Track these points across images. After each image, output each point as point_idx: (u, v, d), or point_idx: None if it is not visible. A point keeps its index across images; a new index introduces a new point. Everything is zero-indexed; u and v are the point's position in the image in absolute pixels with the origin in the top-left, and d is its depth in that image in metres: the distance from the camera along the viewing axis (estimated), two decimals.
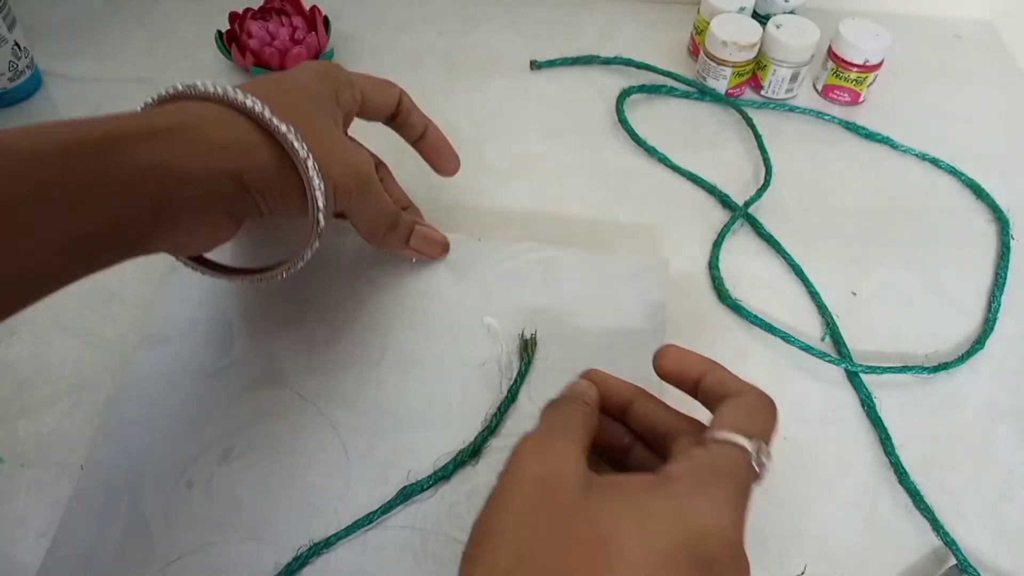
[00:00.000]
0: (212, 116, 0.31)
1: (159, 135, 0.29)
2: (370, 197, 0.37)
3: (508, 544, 0.26)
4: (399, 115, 0.42)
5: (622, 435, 0.34)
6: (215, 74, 0.58)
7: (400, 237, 0.41)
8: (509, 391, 0.39)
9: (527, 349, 0.40)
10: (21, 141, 0.27)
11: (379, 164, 0.44)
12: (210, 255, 0.37)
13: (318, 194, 0.33)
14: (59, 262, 0.28)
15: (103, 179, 0.28)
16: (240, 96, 0.31)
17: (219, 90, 0.31)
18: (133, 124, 0.29)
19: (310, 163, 0.32)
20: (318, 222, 0.34)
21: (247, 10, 0.56)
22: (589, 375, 0.34)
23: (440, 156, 0.44)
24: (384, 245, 0.41)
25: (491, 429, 0.38)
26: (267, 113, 0.31)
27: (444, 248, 0.44)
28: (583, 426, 0.30)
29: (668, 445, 0.31)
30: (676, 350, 0.32)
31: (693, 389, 0.32)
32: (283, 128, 0.31)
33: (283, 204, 0.33)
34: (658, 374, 0.32)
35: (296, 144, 0.32)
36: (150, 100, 0.33)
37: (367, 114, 0.41)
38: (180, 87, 0.32)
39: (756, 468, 0.28)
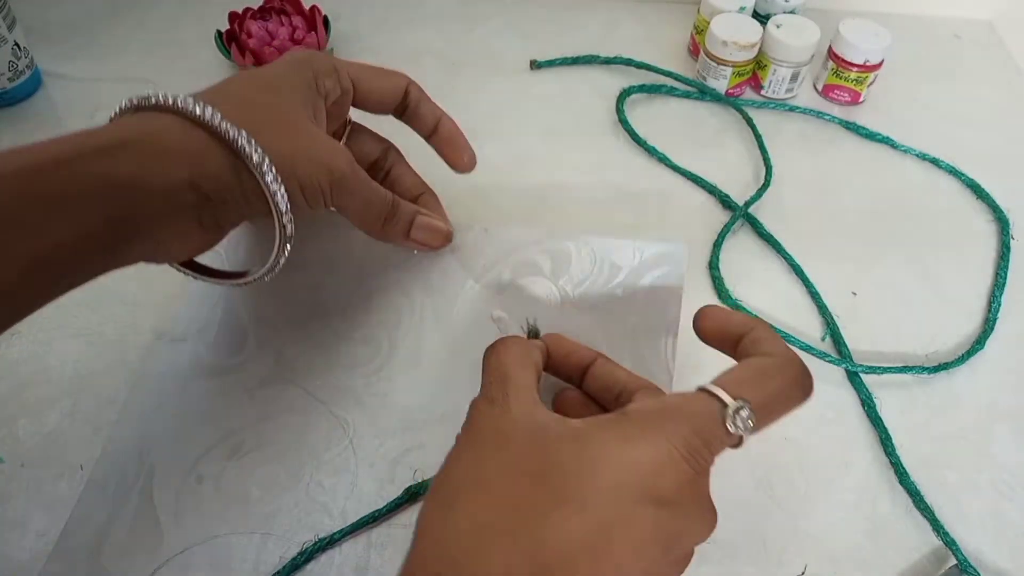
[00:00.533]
0: (165, 127, 0.30)
1: (110, 150, 0.29)
2: (352, 192, 0.35)
3: (457, 483, 0.27)
4: (407, 107, 0.40)
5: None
6: (215, 74, 0.58)
7: (400, 229, 0.39)
8: None
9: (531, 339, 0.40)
10: None
11: (388, 148, 0.42)
12: (200, 258, 0.36)
13: (279, 199, 0.31)
14: (23, 283, 0.27)
15: (58, 198, 0.27)
16: (191, 104, 0.30)
17: (170, 99, 0.30)
18: (85, 142, 0.29)
19: (265, 167, 0.31)
20: (284, 228, 0.33)
21: (247, 10, 0.56)
22: (547, 337, 0.35)
23: (454, 150, 0.42)
24: (383, 238, 0.40)
25: None
26: (216, 119, 0.30)
27: (446, 238, 0.42)
28: (525, 367, 0.31)
29: (625, 403, 0.31)
30: (718, 309, 0.31)
31: (733, 349, 0.30)
32: (232, 132, 0.30)
33: (250, 209, 0.32)
34: (699, 335, 0.31)
35: (248, 148, 0.30)
36: (112, 116, 0.32)
37: (367, 105, 0.39)
38: (135, 100, 0.31)
39: (729, 426, 0.26)
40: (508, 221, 0.49)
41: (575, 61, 0.61)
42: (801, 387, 0.28)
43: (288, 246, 0.34)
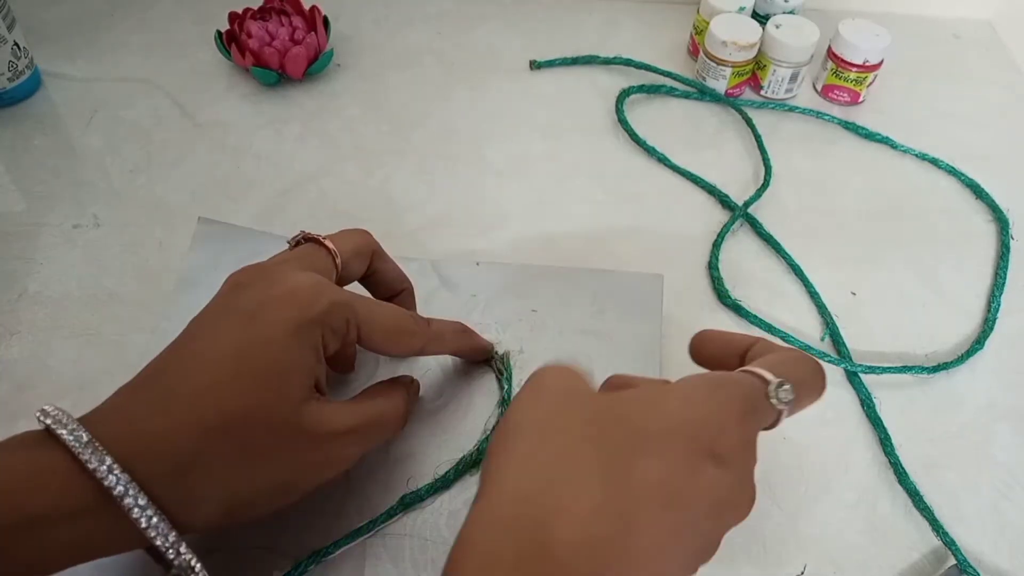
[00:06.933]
0: None
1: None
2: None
3: (529, 431, 0.27)
4: (371, 274, 0.37)
5: None
6: (215, 74, 0.58)
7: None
8: (506, 402, 0.39)
9: (503, 363, 0.40)
10: None
11: (375, 251, 0.37)
12: None
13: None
14: None
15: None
16: (131, 502, 0.27)
17: (118, 490, 0.27)
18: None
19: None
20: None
21: (247, 10, 0.56)
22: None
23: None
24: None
25: (489, 439, 0.38)
26: (142, 521, 0.27)
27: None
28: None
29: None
30: (717, 333, 0.33)
31: (740, 363, 0.31)
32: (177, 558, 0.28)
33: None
34: (697, 360, 0.32)
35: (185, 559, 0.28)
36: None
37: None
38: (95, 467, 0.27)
39: (772, 400, 0.27)
40: (507, 221, 0.49)
41: (575, 61, 0.61)
42: (821, 377, 0.30)
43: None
